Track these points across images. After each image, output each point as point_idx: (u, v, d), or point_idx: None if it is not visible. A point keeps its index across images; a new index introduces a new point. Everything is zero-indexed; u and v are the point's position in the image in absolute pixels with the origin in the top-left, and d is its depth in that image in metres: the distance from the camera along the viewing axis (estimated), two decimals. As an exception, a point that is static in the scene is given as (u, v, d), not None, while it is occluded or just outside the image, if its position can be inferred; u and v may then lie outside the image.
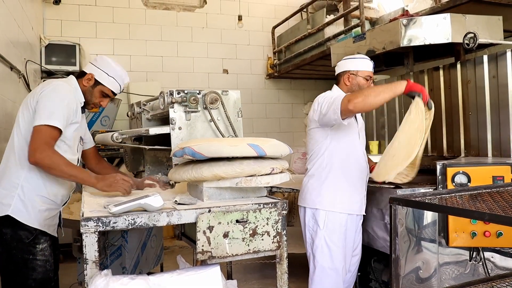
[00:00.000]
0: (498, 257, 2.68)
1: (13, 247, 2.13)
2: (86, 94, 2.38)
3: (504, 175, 2.45)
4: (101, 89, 2.40)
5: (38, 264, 2.17)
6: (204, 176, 1.90)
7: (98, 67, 2.40)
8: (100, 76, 2.38)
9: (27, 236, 2.14)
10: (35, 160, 2.06)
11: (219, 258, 1.78)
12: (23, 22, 4.21)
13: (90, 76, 2.38)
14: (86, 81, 2.38)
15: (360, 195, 2.72)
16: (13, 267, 2.14)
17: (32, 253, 2.15)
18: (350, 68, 2.76)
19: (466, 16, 3.09)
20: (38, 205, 2.18)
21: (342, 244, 2.64)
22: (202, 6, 6.72)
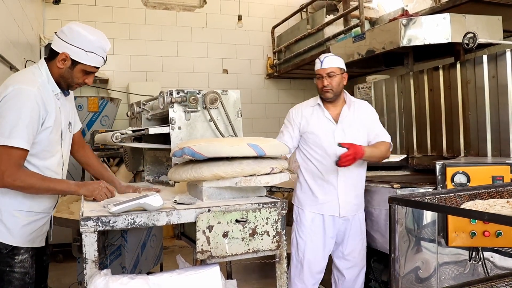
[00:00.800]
0: (498, 257, 2.68)
1: None
2: (64, 77, 2.04)
3: (504, 175, 2.45)
4: (82, 68, 2.05)
5: (15, 277, 1.95)
6: (204, 176, 1.90)
7: (71, 43, 1.99)
8: (77, 55, 2.01)
9: (5, 246, 1.93)
10: (4, 185, 1.86)
11: (218, 258, 1.78)
12: (23, 22, 4.21)
13: (64, 56, 1.99)
14: (61, 63, 2.01)
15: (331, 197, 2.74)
16: None
17: (9, 265, 1.94)
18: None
19: (465, 16, 3.09)
20: (20, 221, 1.96)
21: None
22: (202, 6, 6.73)
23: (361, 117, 2.79)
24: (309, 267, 2.78)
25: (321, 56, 2.78)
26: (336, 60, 2.77)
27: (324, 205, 2.75)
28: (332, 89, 2.71)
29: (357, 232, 2.79)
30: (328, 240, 2.78)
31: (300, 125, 2.82)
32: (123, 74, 6.24)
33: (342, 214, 2.73)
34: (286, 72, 6.52)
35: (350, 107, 2.78)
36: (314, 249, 2.77)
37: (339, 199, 2.71)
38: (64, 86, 2.09)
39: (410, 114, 3.59)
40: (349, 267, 2.82)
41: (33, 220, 2.01)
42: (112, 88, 6.08)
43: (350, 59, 3.81)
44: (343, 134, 2.71)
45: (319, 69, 2.74)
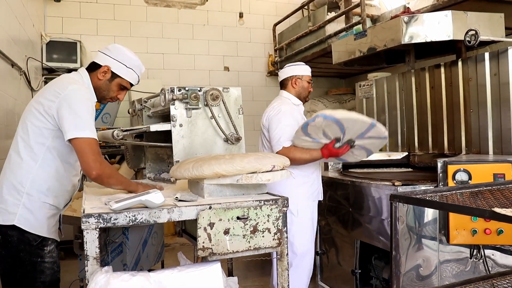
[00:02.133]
0: (499, 254, 2.68)
1: (20, 250, 2.03)
2: (101, 89, 2.21)
3: (505, 173, 2.45)
4: (119, 82, 2.22)
5: (46, 267, 2.08)
6: (205, 174, 1.91)
7: (114, 58, 2.20)
8: (118, 68, 2.20)
9: (35, 238, 2.04)
10: (98, 173, 1.97)
11: (219, 255, 1.78)
12: (24, 19, 4.21)
13: (106, 69, 2.18)
14: (101, 75, 2.18)
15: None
16: (20, 270, 2.04)
17: (40, 256, 2.06)
18: (296, 73, 3.16)
19: (467, 13, 3.09)
20: (44, 213, 2.07)
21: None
22: (203, 3, 6.72)
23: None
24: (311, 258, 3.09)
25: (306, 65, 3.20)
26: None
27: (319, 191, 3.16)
28: None
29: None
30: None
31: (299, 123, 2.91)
32: (124, 71, 6.23)
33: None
34: (288, 70, 6.50)
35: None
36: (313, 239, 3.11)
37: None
38: (98, 98, 2.24)
39: (411, 112, 3.58)
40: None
41: (53, 213, 2.13)
42: (113, 86, 6.08)
43: (351, 56, 3.80)
44: None
45: (310, 76, 3.19)
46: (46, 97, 2.04)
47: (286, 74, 3.19)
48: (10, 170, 2.07)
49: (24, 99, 3.95)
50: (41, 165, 2.05)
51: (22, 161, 2.04)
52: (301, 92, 3.15)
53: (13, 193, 2.03)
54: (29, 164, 2.03)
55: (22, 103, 3.77)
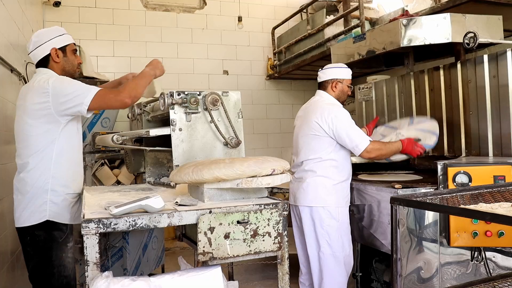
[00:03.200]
0: (500, 257, 2.68)
1: (47, 248, 2.21)
2: (66, 67, 2.41)
3: (505, 175, 2.45)
4: (70, 49, 2.42)
5: (69, 262, 2.28)
6: (205, 178, 1.91)
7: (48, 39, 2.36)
8: (59, 42, 2.38)
9: (60, 235, 2.24)
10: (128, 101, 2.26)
11: (220, 259, 1.77)
12: (23, 24, 4.21)
13: (54, 51, 2.36)
14: (56, 58, 2.37)
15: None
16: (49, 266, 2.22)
17: (64, 251, 2.25)
18: (338, 76, 3.08)
19: (466, 16, 3.09)
20: (68, 202, 2.30)
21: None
22: (202, 7, 6.73)
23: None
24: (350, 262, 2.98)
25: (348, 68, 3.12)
26: None
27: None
28: None
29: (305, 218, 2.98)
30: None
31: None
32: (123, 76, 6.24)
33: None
34: (287, 73, 6.51)
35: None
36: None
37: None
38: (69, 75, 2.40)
39: (411, 114, 3.58)
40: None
41: (74, 201, 2.35)
42: (112, 90, 6.08)
43: (350, 59, 3.81)
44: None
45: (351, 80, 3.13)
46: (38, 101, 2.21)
47: (327, 76, 3.10)
48: (23, 179, 2.25)
49: (24, 104, 3.94)
50: (57, 162, 2.26)
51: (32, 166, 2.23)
52: (340, 96, 3.09)
53: (38, 194, 2.22)
54: (46, 164, 2.23)
55: (21, 108, 3.77)
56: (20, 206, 2.25)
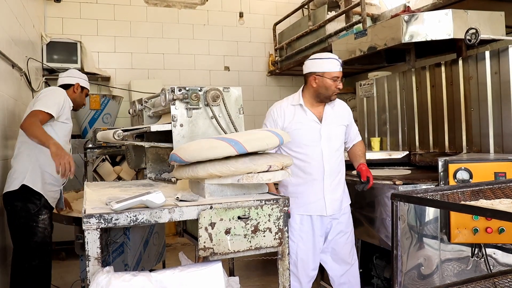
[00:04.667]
0: (500, 253, 2.68)
1: (21, 216, 2.83)
2: (77, 99, 3.20)
3: (506, 171, 2.45)
4: (85, 91, 3.29)
5: (39, 230, 2.86)
6: (200, 175, 1.91)
7: (79, 77, 3.25)
8: (83, 82, 3.25)
9: (33, 208, 2.85)
10: (21, 126, 2.75)
11: (221, 255, 1.78)
12: (24, 20, 4.21)
13: (77, 85, 3.21)
14: (76, 89, 3.20)
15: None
16: (20, 231, 2.85)
17: (35, 221, 2.85)
18: (316, 69, 2.69)
19: (468, 12, 3.08)
20: (45, 178, 2.91)
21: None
22: (203, 3, 6.71)
23: (342, 117, 2.82)
24: (303, 266, 2.76)
25: (335, 57, 2.71)
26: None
27: (311, 205, 2.71)
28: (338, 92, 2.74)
29: (342, 227, 2.77)
30: (317, 238, 2.75)
31: (283, 125, 2.76)
32: (125, 71, 6.25)
33: (329, 212, 2.70)
34: (288, 69, 6.51)
35: (334, 107, 2.79)
36: (306, 249, 2.75)
37: (325, 198, 2.69)
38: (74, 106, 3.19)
39: (412, 111, 3.58)
40: (335, 262, 2.81)
41: (51, 182, 2.96)
42: (114, 86, 6.09)
43: (352, 55, 3.80)
44: (327, 133, 2.72)
45: (337, 72, 2.66)
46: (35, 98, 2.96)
47: (306, 70, 2.78)
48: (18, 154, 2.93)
49: (25, 100, 3.95)
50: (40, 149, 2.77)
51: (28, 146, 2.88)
52: (322, 91, 2.68)
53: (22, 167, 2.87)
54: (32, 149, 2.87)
55: (22, 104, 3.78)
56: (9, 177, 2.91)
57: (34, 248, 2.85)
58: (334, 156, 2.73)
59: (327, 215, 2.70)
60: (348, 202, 2.84)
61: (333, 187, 2.71)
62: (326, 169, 2.68)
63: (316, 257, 2.78)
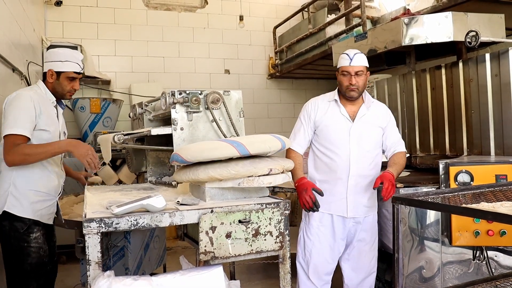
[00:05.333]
0: (502, 256, 2.67)
1: (11, 237, 2.43)
2: (56, 88, 2.59)
3: (507, 174, 2.44)
4: (65, 76, 2.57)
5: (32, 251, 2.45)
6: (200, 178, 1.91)
7: (51, 60, 2.58)
8: (57, 66, 2.56)
9: (22, 226, 2.43)
10: (9, 163, 2.34)
11: (221, 259, 1.77)
12: (24, 24, 4.21)
13: (50, 72, 2.57)
14: (49, 78, 2.58)
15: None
16: (12, 254, 2.46)
17: (26, 241, 2.44)
18: (337, 65, 2.70)
19: (468, 15, 3.08)
20: (30, 198, 2.45)
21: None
22: (203, 6, 6.72)
23: (378, 119, 2.71)
24: (314, 268, 2.72)
25: (350, 52, 2.64)
26: (364, 58, 2.66)
27: (332, 204, 2.66)
28: (358, 88, 2.62)
29: (367, 235, 2.70)
30: (338, 241, 2.70)
31: (315, 119, 2.72)
32: (125, 75, 6.25)
33: (350, 215, 2.64)
34: (288, 72, 6.51)
35: (369, 107, 2.69)
36: (322, 250, 2.71)
37: (348, 198, 2.63)
38: (59, 97, 2.63)
39: (412, 113, 3.58)
40: (352, 270, 2.75)
41: (40, 199, 2.49)
42: (114, 90, 6.10)
43: (352, 58, 3.80)
44: (359, 133, 2.64)
45: (347, 66, 2.61)
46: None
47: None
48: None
49: (25, 104, 3.94)
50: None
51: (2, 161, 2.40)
52: (340, 87, 2.68)
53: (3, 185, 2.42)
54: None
55: (23, 108, 3.77)
56: None
57: (29, 271, 2.45)
58: (364, 157, 2.64)
59: (348, 217, 2.65)
60: (376, 210, 2.75)
61: (358, 189, 2.64)
62: (352, 170, 2.62)
63: (332, 261, 2.73)
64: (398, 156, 2.70)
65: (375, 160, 2.68)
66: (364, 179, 2.64)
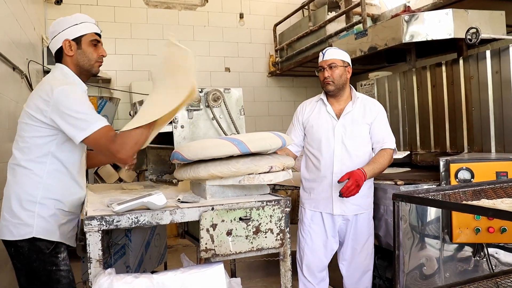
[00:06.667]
0: (502, 253, 2.68)
1: (33, 260, 1.93)
2: (81, 61, 2.06)
3: (508, 171, 2.44)
4: (86, 40, 2.06)
5: (62, 275, 1.97)
6: (201, 176, 1.91)
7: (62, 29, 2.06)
8: (73, 32, 2.05)
9: (47, 246, 1.94)
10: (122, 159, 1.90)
11: (222, 256, 1.78)
12: (25, 22, 4.21)
13: (67, 43, 2.03)
14: (68, 51, 2.04)
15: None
16: (37, 282, 1.95)
17: (55, 264, 1.96)
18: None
19: (468, 11, 3.08)
20: (59, 219, 1.99)
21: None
22: (203, 4, 6.72)
23: (365, 115, 2.68)
24: (308, 265, 2.76)
25: (324, 49, 2.75)
26: (338, 52, 2.71)
27: (320, 202, 2.71)
28: (333, 81, 2.64)
29: (359, 233, 2.71)
30: (330, 239, 2.73)
31: (303, 120, 2.82)
32: (125, 73, 6.25)
33: (337, 212, 2.66)
34: (288, 70, 6.51)
35: (355, 103, 2.70)
36: (314, 248, 2.75)
37: (333, 196, 2.65)
38: (86, 73, 2.11)
39: (413, 111, 3.58)
40: (348, 269, 2.76)
41: (68, 219, 2.05)
42: (114, 88, 6.09)
43: (352, 56, 3.78)
44: (343, 130, 2.66)
45: (321, 61, 2.69)
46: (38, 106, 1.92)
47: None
48: (16, 183, 1.96)
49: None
50: (50, 173, 1.97)
51: (29, 172, 1.95)
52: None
53: (26, 205, 1.93)
54: (37, 174, 1.95)
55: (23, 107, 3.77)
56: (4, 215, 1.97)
57: None
58: (349, 155, 2.64)
59: (334, 214, 2.68)
60: (367, 209, 2.73)
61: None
62: (335, 168, 2.63)
63: (325, 258, 2.77)
64: (381, 154, 2.64)
65: (361, 157, 2.66)
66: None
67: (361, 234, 2.71)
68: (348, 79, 2.73)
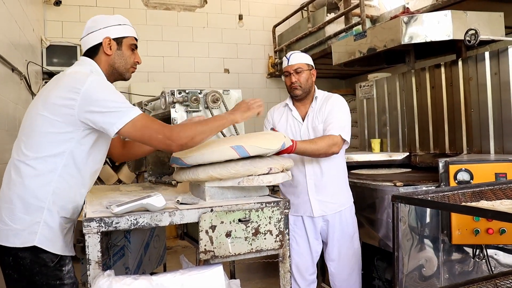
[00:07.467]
0: (502, 254, 2.68)
1: (35, 273, 1.75)
2: (117, 63, 1.98)
3: (507, 172, 2.44)
4: (127, 43, 1.99)
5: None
6: (200, 177, 1.91)
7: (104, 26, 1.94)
8: (117, 32, 1.95)
9: (51, 258, 1.77)
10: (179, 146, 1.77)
11: (221, 258, 1.77)
12: (24, 23, 4.21)
13: (107, 40, 1.91)
14: (107, 49, 1.92)
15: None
16: None
17: (59, 278, 1.79)
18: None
19: (467, 13, 3.09)
20: (63, 228, 1.83)
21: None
22: (202, 5, 6.73)
23: (324, 111, 2.67)
24: (297, 269, 2.77)
25: (288, 54, 2.75)
26: (303, 56, 2.74)
27: (299, 206, 2.73)
28: (301, 85, 2.66)
29: (341, 232, 2.71)
30: (312, 241, 2.75)
31: (273, 126, 2.85)
32: (124, 74, 6.25)
33: (317, 214, 2.68)
34: (288, 71, 6.51)
35: (316, 103, 2.72)
36: (301, 252, 2.77)
37: (311, 199, 2.68)
38: (117, 75, 2.03)
39: (412, 112, 3.58)
40: (336, 268, 2.76)
41: (69, 227, 1.90)
42: (113, 89, 6.09)
43: (351, 57, 3.80)
44: (308, 131, 2.69)
45: (286, 67, 2.70)
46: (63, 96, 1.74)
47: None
48: (22, 184, 1.77)
49: (25, 104, 3.95)
50: (61, 176, 1.80)
51: (38, 173, 1.77)
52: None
53: (31, 210, 1.76)
54: (47, 175, 1.77)
55: (22, 108, 3.78)
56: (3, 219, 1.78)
57: None
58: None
59: (314, 216, 2.69)
60: (347, 205, 2.75)
61: (320, 188, 2.67)
62: (307, 170, 2.67)
63: (312, 261, 2.79)
64: (321, 137, 2.54)
65: (331, 157, 2.61)
66: (322, 177, 2.67)
67: (345, 232, 2.72)
68: (313, 82, 2.76)
